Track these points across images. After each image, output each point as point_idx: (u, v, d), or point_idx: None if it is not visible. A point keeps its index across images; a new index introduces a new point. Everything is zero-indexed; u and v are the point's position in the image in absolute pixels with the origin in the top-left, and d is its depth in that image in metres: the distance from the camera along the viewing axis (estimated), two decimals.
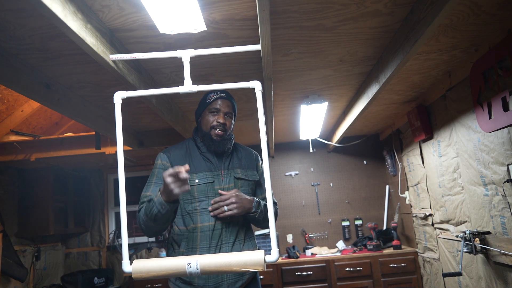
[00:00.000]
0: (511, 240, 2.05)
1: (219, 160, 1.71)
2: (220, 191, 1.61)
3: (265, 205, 1.69)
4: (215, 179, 1.66)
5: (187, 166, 1.39)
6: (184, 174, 1.37)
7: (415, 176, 3.49)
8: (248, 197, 1.63)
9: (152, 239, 4.32)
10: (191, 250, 1.60)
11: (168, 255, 1.70)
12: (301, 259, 3.76)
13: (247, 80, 1.84)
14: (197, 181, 1.63)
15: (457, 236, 2.69)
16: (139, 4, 1.44)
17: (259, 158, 1.87)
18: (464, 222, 2.62)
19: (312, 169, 4.47)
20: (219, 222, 1.62)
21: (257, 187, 1.81)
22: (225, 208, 1.54)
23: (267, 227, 1.76)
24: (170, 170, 1.39)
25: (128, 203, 1.64)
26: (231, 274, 1.61)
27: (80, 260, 4.43)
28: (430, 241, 3.28)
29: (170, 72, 2.13)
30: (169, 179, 1.39)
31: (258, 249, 1.37)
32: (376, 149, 4.43)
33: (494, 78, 2.00)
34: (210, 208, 1.55)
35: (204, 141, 1.69)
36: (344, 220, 4.30)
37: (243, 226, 1.70)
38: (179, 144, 1.78)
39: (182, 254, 1.59)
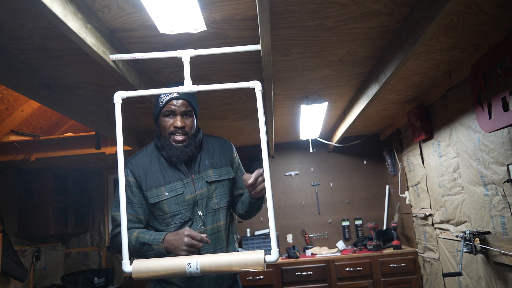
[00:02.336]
0: (511, 240, 2.05)
1: (187, 164, 1.58)
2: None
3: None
4: (185, 189, 1.53)
5: (206, 239, 1.35)
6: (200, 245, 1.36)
7: (415, 176, 3.49)
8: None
9: None
10: None
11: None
12: (301, 259, 3.76)
13: (247, 80, 1.84)
14: (166, 193, 1.52)
15: (457, 236, 2.69)
16: (139, 4, 1.44)
17: (234, 149, 1.72)
18: (464, 222, 2.62)
19: (312, 169, 4.47)
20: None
21: (233, 184, 1.67)
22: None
23: (250, 217, 1.69)
24: (194, 240, 1.34)
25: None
26: (210, 283, 1.52)
27: (80, 260, 4.42)
28: (430, 241, 3.27)
29: (170, 72, 2.13)
30: (186, 247, 1.34)
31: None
32: (376, 149, 4.43)
33: (494, 78, 2.00)
34: (257, 190, 1.43)
35: (165, 150, 1.54)
36: (344, 220, 4.30)
37: (223, 234, 1.59)
38: (142, 152, 1.62)
39: None
